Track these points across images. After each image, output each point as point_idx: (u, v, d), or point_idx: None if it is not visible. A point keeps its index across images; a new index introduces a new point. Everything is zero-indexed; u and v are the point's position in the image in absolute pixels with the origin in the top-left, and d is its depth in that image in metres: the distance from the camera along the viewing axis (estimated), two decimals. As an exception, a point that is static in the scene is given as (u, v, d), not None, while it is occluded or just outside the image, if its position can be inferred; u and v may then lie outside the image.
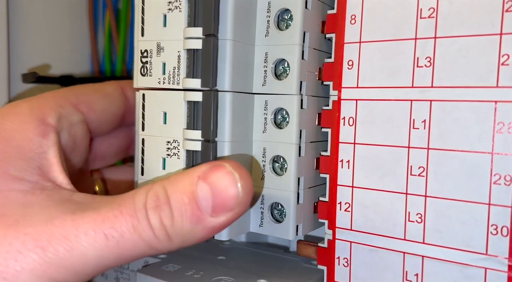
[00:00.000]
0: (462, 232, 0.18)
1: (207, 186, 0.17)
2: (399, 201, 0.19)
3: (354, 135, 0.20)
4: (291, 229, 0.20)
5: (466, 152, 0.18)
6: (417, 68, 0.19)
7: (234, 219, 0.18)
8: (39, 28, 0.35)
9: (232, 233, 0.20)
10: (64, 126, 0.21)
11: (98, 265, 0.17)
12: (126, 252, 0.17)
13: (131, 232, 0.17)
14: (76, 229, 0.17)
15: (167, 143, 0.21)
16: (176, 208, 0.17)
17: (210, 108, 0.19)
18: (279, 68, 0.20)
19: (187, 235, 0.17)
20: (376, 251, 0.20)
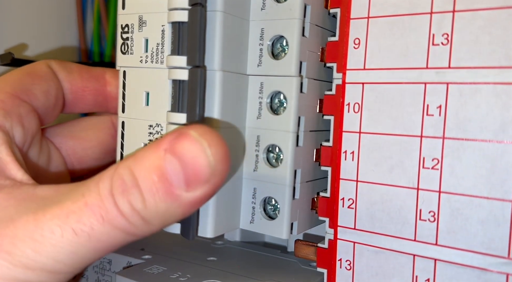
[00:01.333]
0: (482, 232, 0.16)
1: (175, 159, 0.15)
2: (410, 197, 0.17)
3: (360, 123, 0.18)
4: (284, 227, 0.18)
5: (488, 142, 0.16)
6: (433, 47, 0.17)
7: (212, 191, 0.16)
8: (23, 12, 0.33)
9: (218, 229, 0.18)
10: (14, 122, 0.20)
11: (74, 262, 0.16)
12: (101, 244, 0.16)
13: (101, 223, 0.16)
14: (40, 229, 0.16)
15: (150, 126, 0.19)
16: (146, 189, 0.16)
17: (196, 88, 0.16)
18: (276, 47, 0.18)
19: (164, 215, 0.16)
20: (383, 253, 0.18)
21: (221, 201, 0.18)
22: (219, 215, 0.18)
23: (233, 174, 0.19)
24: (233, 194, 0.19)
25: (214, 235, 0.18)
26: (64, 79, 0.23)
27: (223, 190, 0.18)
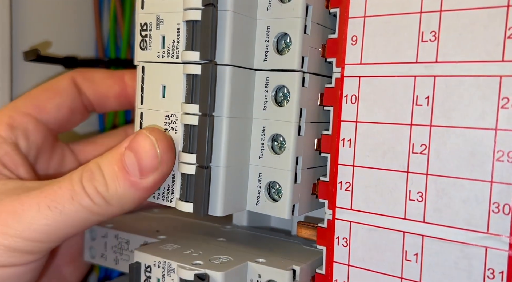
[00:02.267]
0: (464, 210, 0.17)
1: (131, 153, 0.20)
2: (400, 179, 0.19)
3: (357, 113, 0.20)
4: (287, 208, 0.20)
5: (470, 129, 0.17)
6: (422, 43, 0.18)
7: (161, 177, 0.20)
8: (43, 9, 0.35)
9: (226, 209, 0.20)
10: (19, 135, 0.24)
11: (47, 233, 0.20)
12: (70, 219, 0.20)
13: (71, 202, 0.20)
14: (21, 205, 0.20)
15: (166, 117, 0.20)
16: (108, 176, 0.20)
17: (208, 81, 0.18)
18: (281, 43, 0.20)
19: (123, 198, 0.20)
20: (376, 230, 0.19)
21: (230, 184, 0.20)
22: (228, 196, 0.20)
23: (242, 161, 0.21)
24: (240, 178, 0.21)
25: (223, 213, 0.20)
26: (87, 88, 0.27)
27: (231, 174, 0.20)
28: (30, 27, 0.34)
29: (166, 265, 0.21)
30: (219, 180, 0.20)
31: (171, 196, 0.21)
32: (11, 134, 0.24)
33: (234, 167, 0.20)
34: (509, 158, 0.17)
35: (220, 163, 0.20)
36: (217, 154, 0.19)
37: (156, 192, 0.21)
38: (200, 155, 0.19)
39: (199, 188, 0.19)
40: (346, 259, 0.20)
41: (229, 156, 0.20)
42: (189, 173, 0.20)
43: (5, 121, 0.24)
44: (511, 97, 0.17)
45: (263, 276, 0.20)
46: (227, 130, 0.19)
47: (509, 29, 0.16)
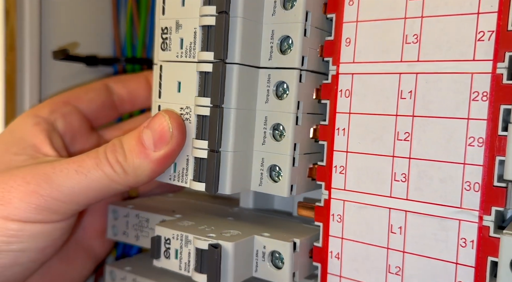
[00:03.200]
0: (441, 189, 0.20)
1: (148, 130, 0.23)
2: (387, 163, 0.22)
3: (350, 105, 0.23)
4: (286, 187, 0.23)
5: (446, 118, 0.20)
6: (406, 45, 0.21)
7: (172, 151, 0.23)
8: (67, 13, 0.38)
9: (234, 188, 0.23)
10: (58, 117, 0.28)
11: (73, 195, 0.23)
12: (93, 183, 0.23)
13: (95, 168, 0.23)
14: (53, 169, 0.23)
15: (181, 109, 0.24)
16: (127, 149, 0.23)
17: (218, 77, 0.21)
18: (284, 45, 0.23)
19: (138, 168, 0.23)
20: (365, 207, 0.22)
21: (237, 167, 0.23)
22: (235, 177, 0.23)
23: (247, 146, 0.24)
24: (245, 162, 0.24)
25: (231, 192, 0.23)
26: (118, 88, 0.31)
27: (238, 158, 0.23)
28: (56, 29, 0.37)
29: (184, 237, 0.24)
30: (227, 162, 0.22)
31: (185, 178, 0.24)
32: (51, 116, 0.28)
33: (240, 152, 0.23)
34: (479, 143, 0.19)
35: (228, 148, 0.22)
36: (226, 140, 0.22)
37: (172, 174, 0.24)
38: (211, 140, 0.22)
39: (210, 170, 0.22)
40: (340, 233, 0.23)
41: (236, 142, 0.23)
42: (201, 157, 0.23)
43: (47, 106, 0.28)
44: (480, 91, 0.19)
45: (267, 247, 0.23)
46: (234, 120, 0.22)
47: (479, 33, 0.19)
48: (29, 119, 0.27)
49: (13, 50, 0.34)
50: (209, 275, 0.22)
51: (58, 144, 0.27)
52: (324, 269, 0.24)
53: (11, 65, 0.34)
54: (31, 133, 0.26)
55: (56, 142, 0.27)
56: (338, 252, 0.23)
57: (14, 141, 0.26)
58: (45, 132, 0.27)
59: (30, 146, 0.26)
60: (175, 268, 0.24)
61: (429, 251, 0.21)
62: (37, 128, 0.27)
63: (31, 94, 0.35)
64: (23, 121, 0.27)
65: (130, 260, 0.33)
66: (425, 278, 0.21)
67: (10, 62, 0.34)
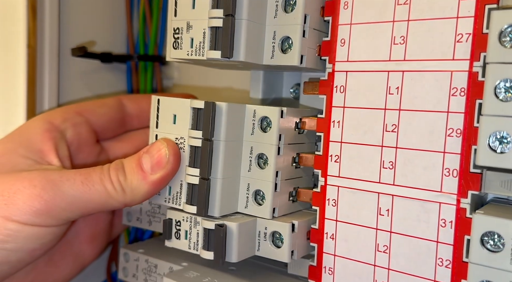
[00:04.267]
0: (424, 175, 0.23)
1: (147, 155, 0.26)
2: (376, 152, 0.24)
3: (344, 100, 0.25)
4: (268, 210, 0.25)
5: (429, 112, 0.22)
6: (394, 45, 0.23)
7: (167, 175, 0.25)
8: (84, 13, 0.41)
9: (222, 211, 0.25)
10: (68, 126, 0.30)
11: (74, 204, 0.25)
12: (94, 197, 0.25)
13: (99, 183, 0.25)
14: (60, 177, 0.25)
15: (176, 138, 0.26)
16: (128, 170, 0.26)
17: (209, 115, 0.24)
18: (284, 44, 0.25)
19: (135, 188, 0.26)
20: (357, 192, 0.25)
21: (225, 192, 0.25)
22: (223, 201, 0.25)
23: (234, 173, 0.26)
24: (233, 187, 0.26)
25: (219, 215, 0.25)
26: (131, 104, 0.34)
27: (226, 184, 0.25)
28: (73, 28, 0.40)
29: (193, 219, 0.26)
30: (216, 188, 0.25)
31: (179, 200, 0.26)
32: (62, 125, 0.29)
33: (228, 178, 0.25)
34: (457, 133, 0.22)
35: (217, 175, 0.25)
36: (215, 168, 0.25)
37: (167, 196, 0.27)
38: (202, 169, 0.25)
39: (201, 195, 0.25)
40: (334, 216, 0.26)
41: (224, 170, 0.25)
42: (193, 183, 0.25)
43: (60, 114, 0.30)
44: (459, 87, 0.22)
45: (268, 228, 0.26)
46: (223, 151, 0.25)
47: (458, 35, 0.21)
48: (41, 124, 0.29)
49: (33, 48, 0.37)
50: (216, 252, 0.25)
51: (63, 153, 0.29)
52: (320, 249, 0.26)
53: (31, 62, 0.37)
54: (40, 139, 0.28)
55: (61, 151, 0.29)
56: (333, 233, 0.26)
57: (22, 142, 0.28)
58: (54, 141, 0.28)
59: (37, 151, 0.28)
60: (184, 247, 0.27)
61: (413, 231, 0.23)
62: (47, 135, 0.28)
63: (50, 90, 0.38)
64: (35, 125, 0.29)
65: (143, 244, 0.36)
66: (410, 255, 0.23)
67: (31, 59, 0.37)
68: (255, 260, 0.27)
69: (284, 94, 0.34)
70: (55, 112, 0.30)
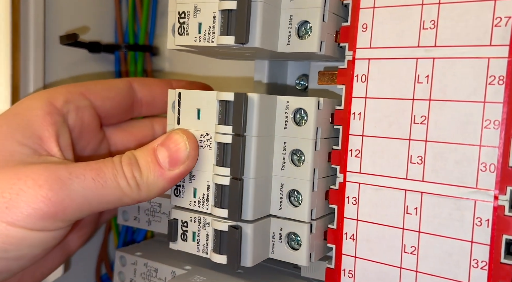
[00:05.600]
0: (457, 170, 0.21)
1: (163, 148, 0.23)
2: (403, 146, 0.22)
3: (366, 90, 0.23)
4: (306, 212, 0.23)
5: (463, 102, 0.21)
6: (423, 30, 0.22)
7: (186, 170, 0.23)
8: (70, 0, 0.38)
9: (255, 214, 0.23)
10: (71, 109, 0.26)
11: (84, 204, 0.22)
12: (106, 195, 0.22)
13: (112, 179, 0.22)
14: (69, 173, 0.22)
15: (201, 135, 0.24)
16: (143, 164, 0.23)
17: (241, 107, 0.22)
18: (301, 29, 0.23)
19: (152, 185, 0.23)
20: (381, 189, 0.23)
21: (258, 193, 0.23)
22: (256, 203, 0.23)
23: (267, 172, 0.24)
24: (266, 187, 0.24)
25: (253, 218, 0.23)
26: (142, 90, 0.30)
27: (259, 184, 0.23)
28: (59, 15, 0.37)
29: (202, 220, 0.24)
30: (249, 189, 0.22)
31: (206, 203, 0.24)
32: (64, 107, 0.26)
33: (261, 178, 0.23)
34: (494, 125, 0.20)
35: (250, 175, 0.22)
36: (248, 167, 0.22)
37: (192, 199, 0.24)
38: (234, 168, 0.22)
39: (233, 197, 0.22)
40: (355, 215, 0.24)
41: (257, 169, 0.23)
42: (223, 184, 0.23)
43: (63, 95, 0.26)
44: (497, 75, 0.20)
45: (284, 229, 0.24)
46: (255, 147, 0.22)
47: (496, 19, 0.20)
48: (42, 105, 0.25)
49: (17, 36, 0.34)
50: (230, 256, 0.22)
51: (65, 141, 0.25)
52: (338, 250, 0.24)
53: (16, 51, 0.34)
54: (40, 123, 0.24)
55: (63, 139, 0.25)
56: (353, 233, 0.24)
57: (20, 126, 0.24)
58: (55, 126, 0.25)
59: (36, 137, 0.24)
60: (192, 250, 0.25)
61: (445, 230, 0.21)
62: (48, 119, 0.24)
63: (35, 81, 0.35)
64: (34, 106, 0.25)
65: (140, 246, 0.34)
66: (441, 256, 0.21)
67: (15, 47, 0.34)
68: (263, 262, 0.25)
69: (289, 85, 0.32)
70: (57, 92, 0.26)
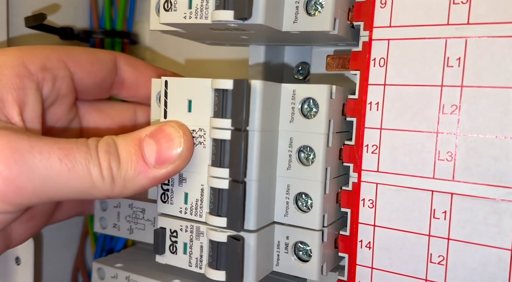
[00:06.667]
0: (494, 168, 0.18)
1: (152, 141, 0.19)
2: (430, 140, 0.19)
3: (385, 76, 0.20)
4: (317, 219, 0.20)
5: (502, 88, 0.18)
6: (453, 5, 0.19)
7: (175, 171, 0.20)
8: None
9: (259, 222, 0.20)
10: (48, 78, 0.22)
11: (42, 186, 0.18)
12: (72, 181, 0.18)
13: (83, 165, 0.18)
14: (31, 147, 0.18)
15: (193, 131, 0.20)
16: (123, 156, 0.19)
17: (242, 96, 0.18)
18: (310, 5, 0.20)
19: (129, 181, 0.19)
20: (403, 190, 0.20)
21: (262, 198, 0.20)
22: (260, 209, 0.20)
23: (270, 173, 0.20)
24: (270, 191, 0.20)
25: (256, 227, 0.19)
26: (127, 72, 0.26)
27: (263, 188, 0.20)
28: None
29: (194, 229, 0.21)
30: (251, 194, 0.19)
31: (199, 211, 0.20)
32: (39, 73, 0.22)
33: (264, 180, 0.20)
34: (540, 115, 0.17)
35: (252, 177, 0.19)
36: (250, 168, 0.19)
37: (183, 206, 0.21)
38: (234, 169, 0.19)
39: (234, 203, 0.19)
40: (371, 220, 0.21)
41: (260, 170, 0.19)
42: (221, 187, 0.19)
43: (40, 59, 0.22)
44: (543, 56, 0.17)
45: (291, 238, 0.21)
46: (258, 144, 0.19)
47: (543, -10, 0.17)
48: (12, 64, 0.21)
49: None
50: (230, 272, 0.19)
51: (34, 112, 0.22)
52: (352, 260, 0.21)
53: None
54: (5, 84, 0.20)
55: (32, 108, 0.21)
56: (370, 241, 0.21)
57: None
58: (22, 92, 0.21)
59: None
60: (183, 264, 0.21)
61: (479, 237, 0.18)
62: (15, 82, 0.21)
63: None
64: (3, 62, 0.21)
65: (119, 255, 0.30)
66: (474, 267, 0.19)
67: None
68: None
69: (286, 74, 0.28)
70: (34, 53, 0.22)
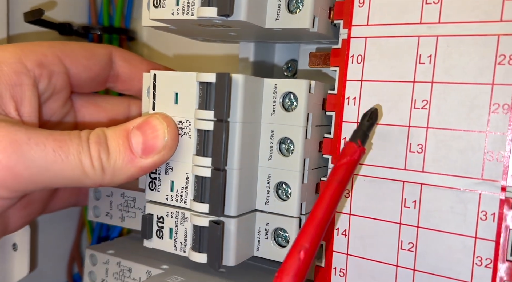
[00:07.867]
0: (461, 160, 0.19)
1: (139, 132, 0.21)
2: (402, 133, 0.20)
3: (362, 72, 0.21)
4: (295, 206, 0.21)
5: (469, 84, 0.19)
6: (426, 5, 0.20)
7: (161, 161, 0.21)
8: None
9: (240, 209, 0.21)
10: (44, 74, 0.24)
11: (37, 175, 0.20)
12: (65, 170, 0.20)
13: (75, 156, 0.20)
14: (28, 138, 0.20)
15: (179, 122, 0.21)
16: (112, 147, 0.21)
17: (224, 89, 0.19)
18: (292, 3, 0.21)
19: (118, 170, 0.21)
20: (377, 181, 0.21)
21: (243, 185, 0.21)
22: (241, 197, 0.21)
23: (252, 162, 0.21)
24: (251, 179, 0.22)
25: (237, 213, 0.20)
26: (124, 66, 0.27)
27: (244, 176, 0.21)
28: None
29: (179, 215, 0.22)
30: (232, 181, 0.20)
31: (184, 198, 0.22)
32: (36, 70, 0.23)
33: (246, 169, 0.21)
34: (503, 109, 0.18)
35: (233, 165, 0.20)
36: (231, 157, 0.20)
37: (169, 193, 0.22)
38: (216, 158, 0.20)
39: (215, 190, 0.20)
40: (347, 208, 0.22)
41: (241, 159, 0.20)
42: (204, 175, 0.20)
43: (37, 55, 0.23)
44: (507, 54, 0.18)
45: (271, 224, 0.22)
46: (239, 134, 0.20)
47: (507, -8, 0.18)
48: (10, 61, 0.22)
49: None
50: (210, 254, 0.20)
51: (31, 107, 0.23)
52: (329, 247, 0.22)
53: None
54: (4, 80, 0.22)
55: (29, 103, 0.23)
56: (345, 229, 0.22)
57: None
58: (19, 88, 0.22)
59: None
60: (169, 248, 0.22)
61: (446, 225, 0.20)
62: (13, 79, 0.22)
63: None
64: (2, 59, 0.22)
65: (112, 243, 0.31)
66: (441, 254, 0.20)
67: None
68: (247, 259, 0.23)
69: (276, 72, 0.29)
70: (31, 50, 0.23)
